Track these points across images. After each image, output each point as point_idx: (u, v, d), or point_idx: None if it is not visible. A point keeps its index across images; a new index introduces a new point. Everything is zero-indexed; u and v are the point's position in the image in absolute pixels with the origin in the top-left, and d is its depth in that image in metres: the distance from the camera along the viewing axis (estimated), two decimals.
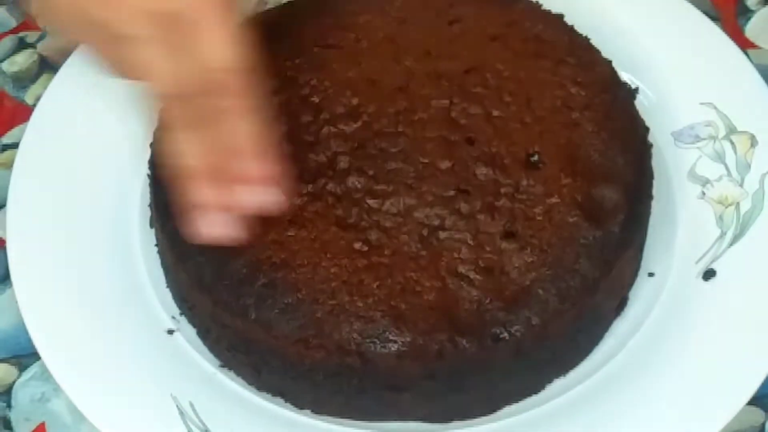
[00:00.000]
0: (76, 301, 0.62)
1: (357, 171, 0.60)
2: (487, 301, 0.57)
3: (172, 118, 0.54)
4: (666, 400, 0.59)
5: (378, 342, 0.57)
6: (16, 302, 0.62)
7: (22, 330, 0.62)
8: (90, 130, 0.68)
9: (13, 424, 0.62)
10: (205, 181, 0.55)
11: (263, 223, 0.59)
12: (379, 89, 0.63)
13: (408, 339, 0.57)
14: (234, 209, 0.56)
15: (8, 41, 0.76)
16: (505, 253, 0.58)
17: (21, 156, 0.67)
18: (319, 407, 0.60)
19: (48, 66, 0.75)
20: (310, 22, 0.66)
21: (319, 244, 0.59)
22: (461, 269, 0.58)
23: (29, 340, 0.61)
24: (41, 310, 0.62)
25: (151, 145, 0.65)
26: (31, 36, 0.76)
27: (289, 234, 0.59)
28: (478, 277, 0.58)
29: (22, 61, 0.75)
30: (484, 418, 0.60)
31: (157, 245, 0.65)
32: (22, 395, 0.63)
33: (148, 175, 0.64)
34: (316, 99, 0.63)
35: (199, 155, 0.55)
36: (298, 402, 0.60)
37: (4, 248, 0.64)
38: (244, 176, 0.55)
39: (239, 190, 0.55)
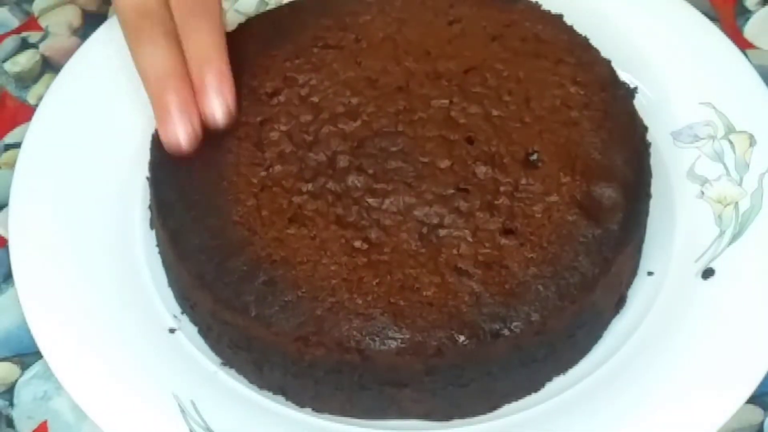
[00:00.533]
0: (78, 299, 0.62)
1: (357, 170, 0.61)
2: (487, 295, 0.58)
3: (143, 31, 0.61)
4: (665, 398, 0.59)
5: (377, 339, 0.57)
6: (19, 301, 0.62)
7: (24, 329, 0.62)
8: (92, 130, 0.68)
9: (16, 422, 0.63)
10: (172, 89, 0.60)
11: (264, 222, 0.59)
12: (379, 89, 0.63)
13: (407, 336, 0.57)
14: (195, 116, 0.60)
15: (10, 41, 0.76)
16: (504, 248, 0.59)
17: (23, 156, 0.67)
18: (320, 405, 0.60)
19: (50, 66, 0.75)
20: (310, 22, 0.66)
21: (319, 241, 0.59)
22: (460, 264, 0.58)
23: (31, 339, 0.61)
24: (43, 309, 0.62)
25: (152, 144, 0.65)
26: (33, 36, 0.76)
27: (289, 231, 0.59)
28: (477, 271, 0.58)
29: (24, 61, 0.75)
30: (484, 417, 0.60)
31: (158, 246, 0.65)
32: (24, 394, 0.63)
33: (147, 178, 0.64)
34: (315, 99, 0.63)
35: (166, 65, 0.60)
36: (299, 400, 0.60)
37: (7, 247, 0.64)
38: (205, 84, 0.60)
39: (200, 97, 0.60)
